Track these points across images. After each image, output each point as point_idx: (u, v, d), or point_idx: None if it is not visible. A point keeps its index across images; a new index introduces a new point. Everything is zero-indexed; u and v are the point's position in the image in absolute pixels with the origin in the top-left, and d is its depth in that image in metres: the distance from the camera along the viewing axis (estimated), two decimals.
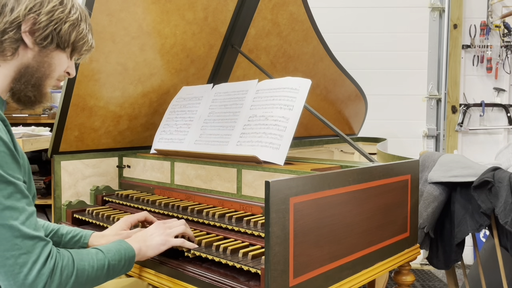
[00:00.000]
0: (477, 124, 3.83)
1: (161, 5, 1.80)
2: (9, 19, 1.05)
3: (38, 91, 1.13)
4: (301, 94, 1.58)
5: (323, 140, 3.08)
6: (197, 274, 1.21)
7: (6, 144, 0.95)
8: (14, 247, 0.92)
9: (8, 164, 0.94)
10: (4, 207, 0.92)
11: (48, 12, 1.08)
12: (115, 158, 2.01)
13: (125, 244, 1.16)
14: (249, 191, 1.53)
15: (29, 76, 1.11)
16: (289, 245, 1.07)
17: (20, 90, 1.12)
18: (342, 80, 2.85)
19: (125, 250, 1.15)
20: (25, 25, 1.07)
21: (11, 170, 0.94)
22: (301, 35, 2.41)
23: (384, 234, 1.43)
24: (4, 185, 0.93)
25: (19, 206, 0.94)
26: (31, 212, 0.97)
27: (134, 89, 1.94)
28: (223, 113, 1.79)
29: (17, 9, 1.05)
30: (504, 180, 1.56)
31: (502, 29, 3.71)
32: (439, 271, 3.60)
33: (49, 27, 1.08)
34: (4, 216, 0.91)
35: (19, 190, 0.95)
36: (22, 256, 0.92)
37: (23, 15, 1.05)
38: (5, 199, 0.92)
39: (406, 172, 1.52)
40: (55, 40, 1.11)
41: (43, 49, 1.10)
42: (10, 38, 1.06)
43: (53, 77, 1.15)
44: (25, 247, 0.93)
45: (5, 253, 0.91)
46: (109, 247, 1.13)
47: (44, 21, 1.07)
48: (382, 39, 3.84)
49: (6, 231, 0.91)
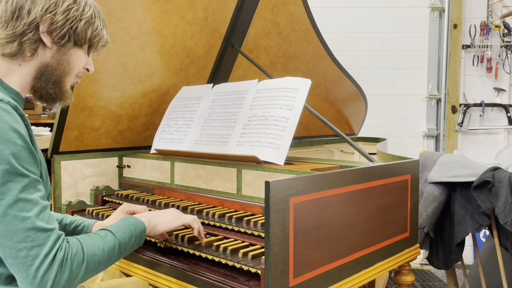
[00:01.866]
0: (477, 124, 3.83)
1: (161, 5, 1.80)
2: (27, 21, 1.07)
3: (58, 88, 1.16)
4: (301, 94, 1.58)
5: (323, 140, 3.08)
6: (197, 274, 1.21)
7: (24, 138, 0.97)
8: (27, 239, 0.92)
9: (24, 158, 0.95)
10: (18, 199, 0.93)
11: (64, 11, 1.10)
12: (115, 158, 2.01)
13: (133, 219, 1.18)
14: (249, 191, 1.53)
15: (49, 74, 1.14)
16: (289, 245, 1.07)
17: (41, 88, 1.15)
18: (342, 80, 2.85)
19: (135, 226, 1.16)
20: (43, 26, 1.08)
21: (26, 163, 0.96)
22: (301, 35, 2.41)
23: (384, 234, 1.43)
24: (19, 178, 0.94)
25: (33, 199, 0.95)
26: (44, 205, 0.98)
27: (134, 89, 1.94)
28: (223, 113, 1.79)
29: (34, 11, 1.07)
30: (504, 180, 1.56)
31: (502, 29, 3.70)
32: (439, 271, 3.60)
33: (65, 26, 1.10)
34: (17, 208, 0.92)
35: (33, 183, 0.96)
36: (35, 249, 0.93)
37: (40, 16, 1.07)
38: (19, 192, 0.93)
39: (406, 172, 1.52)
40: (72, 38, 1.13)
41: (61, 47, 1.13)
42: (29, 39, 1.08)
43: (72, 74, 1.18)
44: (38, 240, 0.93)
45: (18, 245, 0.92)
46: (118, 225, 1.14)
47: (60, 20, 1.09)
48: (382, 39, 3.84)
49: (19, 223, 0.92)
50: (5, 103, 0.97)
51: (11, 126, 0.95)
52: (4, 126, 0.94)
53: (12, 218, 0.92)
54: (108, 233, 1.10)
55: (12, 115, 0.97)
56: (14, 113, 0.98)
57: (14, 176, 0.93)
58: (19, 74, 1.11)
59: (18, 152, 0.94)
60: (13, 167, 0.93)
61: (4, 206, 0.92)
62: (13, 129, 0.95)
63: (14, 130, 0.95)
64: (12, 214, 0.92)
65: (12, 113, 0.97)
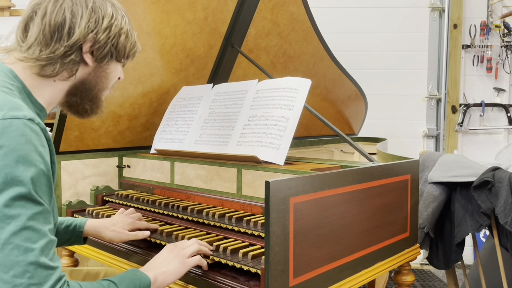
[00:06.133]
0: (477, 124, 3.83)
1: (161, 5, 1.80)
2: (69, 42, 1.01)
3: (95, 104, 1.14)
4: (301, 94, 1.58)
5: (323, 140, 3.08)
6: (196, 274, 1.21)
7: (47, 164, 0.90)
8: (25, 274, 0.82)
9: (41, 185, 0.88)
10: (25, 226, 0.83)
11: (105, 28, 1.05)
12: (115, 158, 2.01)
13: (139, 274, 1.07)
14: (249, 191, 1.53)
15: (87, 91, 1.10)
16: (289, 245, 1.07)
17: (77, 104, 1.11)
18: (342, 80, 2.85)
19: (140, 280, 1.05)
20: (86, 46, 1.04)
21: (42, 191, 0.88)
22: (301, 35, 2.41)
23: (384, 234, 1.43)
24: (31, 204, 0.85)
25: (41, 229, 0.85)
26: (52, 240, 0.88)
27: (134, 89, 1.94)
28: (223, 113, 1.79)
29: (76, 31, 1.01)
30: (504, 180, 1.56)
31: (502, 29, 3.71)
32: (439, 271, 3.60)
33: (108, 44, 1.06)
34: (22, 237, 0.83)
35: (45, 213, 0.88)
36: (32, 287, 0.82)
37: (83, 37, 1.02)
38: (28, 219, 0.84)
39: (406, 172, 1.52)
40: (114, 54, 1.09)
41: (101, 64, 1.09)
42: (72, 60, 1.03)
43: (109, 88, 1.15)
44: (37, 277, 0.83)
45: (14, 280, 0.81)
46: (122, 277, 1.03)
47: (103, 39, 1.05)
48: (382, 39, 3.84)
49: (20, 254, 0.82)
50: (35, 124, 0.90)
51: (37, 149, 0.88)
52: (30, 148, 0.86)
53: (14, 248, 0.82)
54: (111, 284, 1.00)
55: (40, 138, 0.90)
56: (42, 136, 0.91)
57: (27, 202, 0.84)
58: (51, 89, 1.05)
59: (38, 177, 0.87)
60: (29, 192, 0.84)
61: (8, 232, 0.82)
62: (38, 152, 0.88)
63: (39, 154, 0.88)
64: (15, 243, 0.82)
65: (40, 136, 0.90)
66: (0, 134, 0.85)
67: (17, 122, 0.87)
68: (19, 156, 0.85)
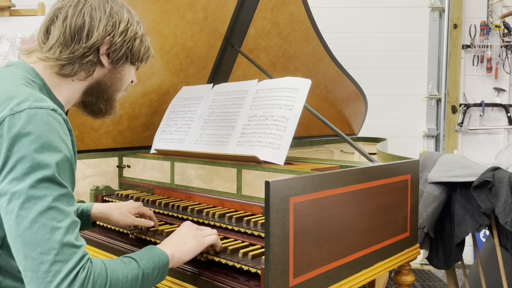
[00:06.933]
0: (477, 124, 3.83)
1: (161, 5, 1.80)
2: (88, 44, 1.07)
3: (109, 104, 1.20)
4: (301, 94, 1.58)
5: (323, 140, 3.08)
6: (196, 274, 1.21)
7: (70, 151, 0.95)
8: (52, 251, 0.86)
9: (64, 171, 0.92)
10: (51, 207, 0.87)
11: (122, 32, 1.11)
12: (115, 158, 2.01)
13: (157, 250, 1.08)
14: (249, 191, 1.53)
15: (102, 91, 1.16)
16: (289, 245, 1.07)
17: (92, 103, 1.17)
18: (342, 80, 2.85)
19: (158, 257, 1.06)
20: (103, 48, 1.10)
21: (65, 176, 0.92)
22: (301, 35, 2.41)
23: (384, 234, 1.43)
24: (56, 186, 0.89)
25: (65, 210, 0.90)
26: (75, 220, 0.92)
27: (134, 89, 1.94)
28: (223, 113, 1.79)
29: (94, 33, 1.08)
30: (504, 180, 1.56)
31: (502, 29, 3.71)
32: (439, 271, 3.61)
33: (123, 47, 1.12)
34: (48, 216, 0.87)
35: (69, 196, 0.92)
36: (58, 264, 0.86)
37: (101, 39, 1.08)
38: (53, 200, 0.88)
39: (406, 172, 1.52)
40: (129, 58, 1.16)
41: (116, 66, 1.15)
42: (90, 61, 1.09)
43: (123, 90, 1.22)
44: (62, 254, 0.86)
45: (41, 257, 0.85)
46: (141, 254, 1.05)
47: (119, 42, 1.11)
48: (382, 39, 3.84)
49: (47, 232, 0.86)
50: (58, 114, 0.95)
51: (61, 136, 0.93)
52: (55, 135, 0.92)
53: (41, 226, 0.86)
54: (132, 260, 1.01)
55: (63, 127, 0.96)
56: (65, 126, 0.97)
57: (52, 184, 0.89)
58: (69, 88, 1.11)
59: (62, 162, 0.92)
60: (54, 175, 0.89)
61: (35, 211, 0.86)
62: (62, 139, 0.93)
63: (63, 141, 0.93)
64: (42, 222, 0.86)
65: (63, 125, 0.96)
66: (27, 122, 0.90)
67: (42, 112, 0.92)
68: (44, 142, 0.90)
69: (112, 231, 1.58)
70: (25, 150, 0.88)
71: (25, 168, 0.88)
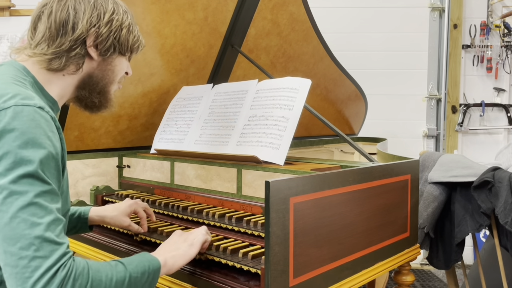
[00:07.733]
0: (477, 124, 3.83)
1: (161, 5, 1.80)
2: (73, 37, 1.08)
3: (103, 97, 1.19)
4: (301, 94, 1.58)
5: (323, 140, 3.08)
6: (196, 274, 1.21)
7: (56, 148, 0.95)
8: (31, 247, 0.85)
9: (49, 168, 0.92)
10: (32, 202, 0.87)
11: (107, 23, 1.11)
12: (115, 158, 2.01)
13: (149, 256, 1.07)
14: (249, 191, 1.53)
15: (94, 84, 1.16)
16: (289, 245, 1.07)
17: (86, 97, 1.17)
18: (342, 80, 2.85)
19: (149, 262, 1.05)
20: (89, 40, 1.10)
21: (49, 173, 0.92)
22: (301, 35, 2.41)
23: (384, 234, 1.43)
24: (39, 182, 0.89)
25: (47, 207, 0.89)
26: (58, 218, 0.91)
27: (134, 89, 1.94)
28: (223, 113, 1.79)
29: (79, 25, 1.08)
30: (504, 180, 1.56)
31: (502, 29, 3.71)
32: (439, 271, 3.61)
33: (110, 38, 1.12)
34: (29, 211, 0.86)
35: (52, 193, 0.91)
36: (37, 260, 0.85)
37: (86, 30, 1.08)
38: (35, 196, 0.88)
39: (406, 172, 1.52)
40: (117, 48, 1.15)
41: (106, 58, 1.14)
42: (78, 54, 1.09)
43: (116, 82, 1.21)
44: (42, 250, 0.85)
45: (20, 252, 0.85)
46: (131, 259, 1.04)
47: (105, 32, 1.11)
48: (382, 39, 3.84)
49: (27, 228, 0.85)
50: (45, 112, 0.95)
51: (46, 133, 0.93)
52: (40, 131, 0.92)
53: (21, 221, 0.85)
54: (119, 264, 1.00)
55: (49, 124, 0.95)
56: (52, 123, 0.97)
57: (34, 180, 0.88)
58: (61, 83, 1.12)
59: (46, 159, 0.91)
60: (36, 172, 0.89)
61: (16, 206, 0.86)
62: (47, 136, 0.93)
63: (48, 137, 0.93)
64: (22, 217, 0.86)
65: (49, 123, 0.96)
66: (13, 118, 0.90)
67: (28, 109, 0.93)
68: (29, 138, 0.90)
69: (112, 231, 1.58)
70: (8, 146, 0.88)
71: (8, 163, 0.88)
